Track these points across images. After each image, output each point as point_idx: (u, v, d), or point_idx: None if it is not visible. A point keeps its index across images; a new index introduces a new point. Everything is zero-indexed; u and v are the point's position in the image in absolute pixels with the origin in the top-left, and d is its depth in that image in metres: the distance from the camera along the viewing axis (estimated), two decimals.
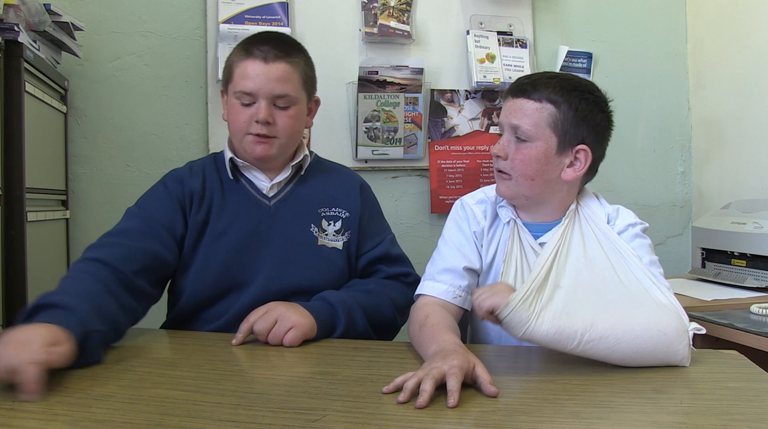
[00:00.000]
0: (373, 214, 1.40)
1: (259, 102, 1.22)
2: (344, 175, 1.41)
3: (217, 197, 1.28)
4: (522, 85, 1.16)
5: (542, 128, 1.13)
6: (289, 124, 1.25)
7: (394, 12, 2.21)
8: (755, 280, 1.78)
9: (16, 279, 1.48)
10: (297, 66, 1.26)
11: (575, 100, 1.13)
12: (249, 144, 1.25)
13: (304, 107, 1.30)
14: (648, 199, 2.48)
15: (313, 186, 1.34)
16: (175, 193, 1.27)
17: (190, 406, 0.83)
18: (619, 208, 1.21)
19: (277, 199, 1.31)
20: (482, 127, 2.32)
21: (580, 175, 1.16)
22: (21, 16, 1.52)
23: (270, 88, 1.22)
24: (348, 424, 0.77)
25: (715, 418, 0.79)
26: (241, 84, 1.22)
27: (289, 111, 1.25)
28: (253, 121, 1.23)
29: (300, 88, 1.27)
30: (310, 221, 1.30)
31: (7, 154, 1.47)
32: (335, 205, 1.33)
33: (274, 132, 1.24)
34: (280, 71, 1.22)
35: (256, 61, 1.22)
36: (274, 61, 1.22)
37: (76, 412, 0.79)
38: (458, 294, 1.18)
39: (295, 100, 1.25)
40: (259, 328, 1.10)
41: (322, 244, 1.30)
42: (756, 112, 2.18)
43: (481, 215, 1.25)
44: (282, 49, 1.24)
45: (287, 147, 1.29)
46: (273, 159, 1.29)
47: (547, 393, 0.89)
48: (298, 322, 1.11)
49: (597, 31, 2.45)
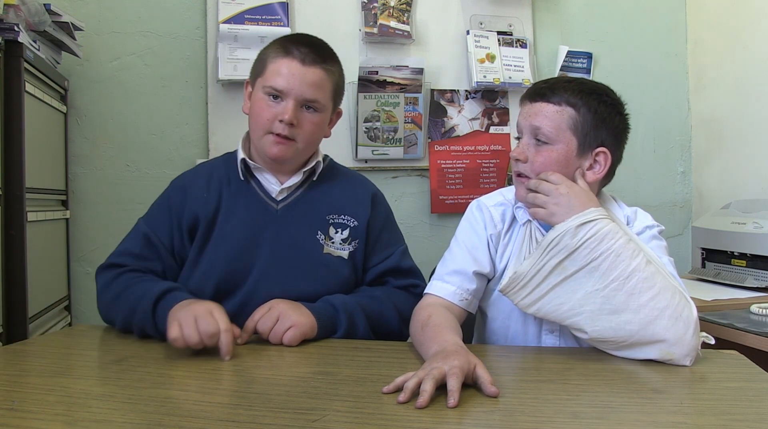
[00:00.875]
0: (386, 225, 1.36)
1: (288, 101, 1.20)
2: (357, 183, 1.37)
3: (226, 199, 1.27)
4: (540, 89, 1.16)
5: (563, 130, 1.13)
6: (310, 130, 1.24)
7: (394, 12, 2.21)
8: (755, 280, 1.77)
9: (16, 279, 1.48)
10: (332, 75, 1.25)
11: (594, 103, 1.13)
12: (268, 143, 1.23)
13: (328, 116, 1.29)
14: (648, 199, 2.48)
15: (324, 192, 1.31)
16: (176, 205, 1.26)
17: (190, 406, 0.83)
18: (637, 210, 1.22)
19: (286, 203, 1.28)
20: (482, 127, 2.32)
21: (600, 177, 1.16)
22: (21, 16, 1.52)
23: (302, 91, 1.20)
24: (348, 424, 0.77)
25: (715, 418, 0.79)
26: (273, 80, 1.21)
27: (315, 117, 1.24)
28: (276, 120, 1.21)
29: (329, 97, 1.26)
30: (317, 228, 1.28)
31: (7, 154, 1.47)
32: (344, 213, 1.30)
33: (295, 135, 1.22)
34: (315, 76, 1.21)
35: (294, 61, 1.20)
36: (312, 65, 1.21)
37: (76, 412, 0.79)
38: (465, 297, 1.18)
39: (322, 107, 1.24)
40: (262, 328, 1.11)
41: (328, 252, 1.27)
42: (756, 112, 2.18)
43: (498, 218, 1.23)
44: (320, 54, 1.23)
45: (304, 153, 1.27)
46: (287, 162, 1.27)
47: (547, 393, 0.89)
48: (298, 322, 1.11)
49: (597, 31, 2.46)
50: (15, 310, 1.48)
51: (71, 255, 1.97)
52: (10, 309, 1.46)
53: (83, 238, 2.02)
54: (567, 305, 1.04)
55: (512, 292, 1.08)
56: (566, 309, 1.04)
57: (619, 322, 1.00)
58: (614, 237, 1.02)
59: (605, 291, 1.01)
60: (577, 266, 1.03)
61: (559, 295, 1.05)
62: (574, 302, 1.03)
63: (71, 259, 1.97)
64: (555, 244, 1.04)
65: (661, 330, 0.99)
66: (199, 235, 1.25)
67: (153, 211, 1.29)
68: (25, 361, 1.05)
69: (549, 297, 1.05)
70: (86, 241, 2.02)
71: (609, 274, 1.01)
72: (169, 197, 1.28)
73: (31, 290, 1.52)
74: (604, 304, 1.01)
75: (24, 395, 0.85)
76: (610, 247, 1.01)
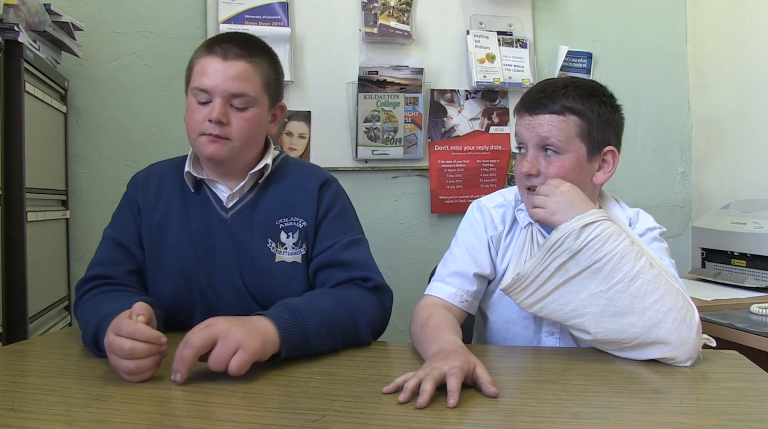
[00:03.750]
0: (331, 214, 1.25)
1: (215, 100, 1.16)
2: (306, 177, 1.27)
3: (176, 208, 1.23)
4: (538, 99, 1.13)
5: (571, 139, 1.12)
6: (245, 127, 1.18)
7: (394, 12, 2.21)
8: (755, 280, 1.77)
9: (16, 279, 1.48)
10: (259, 66, 1.20)
11: (596, 106, 1.13)
12: (202, 144, 1.18)
13: (264, 111, 1.22)
14: (648, 199, 2.48)
15: (273, 194, 1.24)
16: (133, 203, 1.25)
17: (190, 406, 0.83)
18: (639, 212, 1.22)
19: (234, 212, 1.23)
20: (482, 127, 2.32)
21: (610, 175, 1.16)
22: (21, 16, 1.52)
23: (226, 86, 1.15)
24: (348, 424, 0.77)
25: (715, 418, 0.79)
26: (198, 80, 1.17)
27: (247, 113, 1.18)
28: (206, 121, 1.16)
29: (261, 90, 1.20)
30: (267, 236, 1.22)
31: (7, 154, 1.47)
32: (293, 214, 1.23)
33: (228, 133, 1.17)
34: (238, 69, 1.16)
35: (215, 58, 1.16)
36: (234, 59, 1.16)
37: (76, 412, 0.79)
38: (465, 298, 1.18)
39: (253, 101, 1.18)
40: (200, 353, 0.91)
41: (281, 259, 1.21)
42: (756, 112, 2.18)
43: (499, 220, 1.22)
44: (244, 48, 1.18)
45: (242, 151, 1.20)
46: (225, 162, 1.20)
47: (547, 393, 0.89)
48: (244, 342, 0.91)
49: (597, 31, 2.45)
50: (15, 310, 1.48)
51: (71, 255, 1.97)
52: (10, 309, 1.46)
53: (83, 238, 2.02)
54: (570, 306, 1.04)
55: (515, 293, 1.08)
56: (570, 309, 1.04)
57: (623, 325, 1.00)
58: (618, 238, 1.02)
59: (609, 292, 1.01)
60: (580, 267, 1.03)
61: (563, 296, 1.04)
62: (577, 303, 1.03)
63: (71, 259, 1.97)
64: (558, 246, 1.03)
65: (665, 333, 0.98)
66: (148, 246, 1.23)
67: (115, 216, 1.29)
68: (25, 361, 1.05)
69: (552, 297, 1.05)
70: (86, 241, 2.02)
71: (613, 276, 1.01)
72: (128, 197, 1.28)
73: (31, 290, 1.52)
74: (608, 306, 1.01)
75: (24, 395, 0.85)
76: (614, 248, 1.01)
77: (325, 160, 2.17)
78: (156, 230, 1.23)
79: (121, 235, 1.24)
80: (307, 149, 2.17)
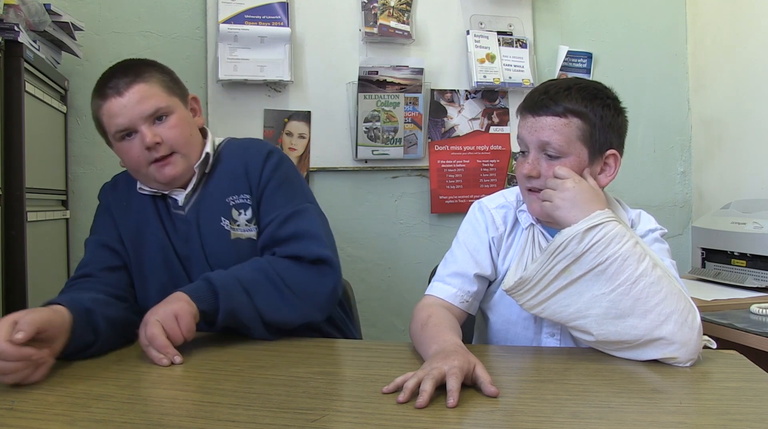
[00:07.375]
0: (270, 187, 1.26)
1: (140, 130, 1.20)
2: (249, 153, 1.30)
3: (151, 209, 1.29)
4: (540, 101, 1.12)
5: (572, 143, 1.10)
6: (175, 133, 1.22)
7: (394, 12, 2.21)
8: (755, 280, 1.77)
9: (16, 279, 1.48)
10: (152, 79, 1.23)
11: (599, 109, 1.11)
12: (155, 173, 1.22)
13: (182, 111, 1.26)
14: (648, 199, 2.48)
15: (219, 176, 1.29)
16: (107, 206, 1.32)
17: (190, 406, 0.83)
18: (641, 213, 1.21)
19: (190, 205, 1.27)
20: (482, 127, 2.32)
21: (612, 179, 1.15)
22: (21, 16, 1.52)
23: (139, 113, 1.19)
24: (348, 424, 0.77)
25: (715, 418, 0.79)
26: (113, 125, 1.21)
27: (170, 121, 1.22)
28: (144, 151, 1.20)
29: (166, 97, 1.23)
30: (220, 214, 1.25)
31: (7, 154, 1.46)
32: (242, 191, 1.26)
33: (168, 149, 1.21)
34: (137, 94, 1.19)
35: (113, 99, 1.20)
36: (128, 88, 1.20)
37: (76, 412, 0.79)
38: (465, 299, 1.18)
39: (167, 109, 1.22)
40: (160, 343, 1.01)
41: (236, 237, 1.25)
42: (756, 112, 2.18)
43: (500, 220, 1.22)
44: (127, 73, 1.21)
45: (190, 156, 1.25)
46: (185, 176, 1.25)
47: (547, 393, 0.89)
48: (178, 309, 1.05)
49: (597, 31, 2.45)
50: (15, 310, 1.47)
51: (71, 255, 1.97)
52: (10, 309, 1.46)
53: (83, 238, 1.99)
54: (573, 307, 1.04)
55: (518, 295, 1.08)
56: (572, 311, 1.04)
57: (626, 327, 1.00)
58: (621, 240, 1.02)
59: (611, 295, 1.01)
60: (583, 270, 1.02)
61: (565, 297, 1.04)
62: (580, 305, 1.03)
63: (71, 259, 1.97)
64: (561, 250, 1.03)
65: (667, 335, 0.98)
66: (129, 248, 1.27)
67: (94, 225, 1.35)
68: None
69: (555, 299, 1.05)
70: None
71: (616, 279, 1.00)
72: (101, 204, 1.36)
73: (31, 290, 1.52)
74: (610, 308, 1.01)
75: (24, 395, 0.85)
76: (617, 251, 1.01)
77: (325, 160, 2.17)
78: (134, 232, 1.28)
79: (102, 237, 1.29)
80: (307, 149, 2.17)
